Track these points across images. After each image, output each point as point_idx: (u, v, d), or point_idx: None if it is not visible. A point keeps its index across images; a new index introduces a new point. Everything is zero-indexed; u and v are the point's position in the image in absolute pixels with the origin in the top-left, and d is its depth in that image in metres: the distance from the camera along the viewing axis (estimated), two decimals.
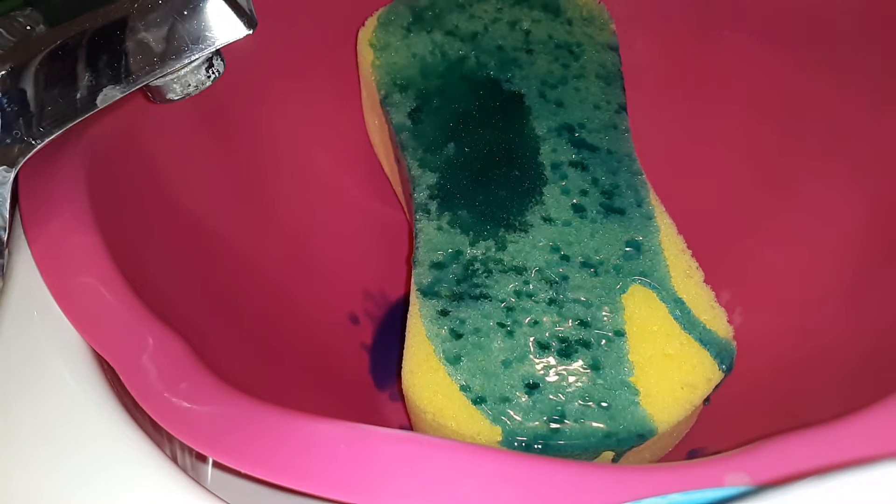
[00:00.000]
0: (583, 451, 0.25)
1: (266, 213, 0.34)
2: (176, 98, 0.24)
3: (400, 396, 0.28)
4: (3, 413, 0.22)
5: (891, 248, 0.29)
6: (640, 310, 0.27)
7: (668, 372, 0.26)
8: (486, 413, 0.25)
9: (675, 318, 0.27)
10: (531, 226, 0.29)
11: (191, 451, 0.29)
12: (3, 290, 0.24)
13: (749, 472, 0.19)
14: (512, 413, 0.25)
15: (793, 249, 0.33)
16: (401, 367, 0.27)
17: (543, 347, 0.26)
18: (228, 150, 0.33)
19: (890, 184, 0.30)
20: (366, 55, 0.34)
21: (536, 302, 0.27)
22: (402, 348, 0.27)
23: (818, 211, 0.33)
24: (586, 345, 0.26)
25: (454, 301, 0.27)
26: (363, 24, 0.34)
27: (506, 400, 0.25)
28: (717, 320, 0.27)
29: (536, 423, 0.25)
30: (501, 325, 0.27)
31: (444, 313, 0.27)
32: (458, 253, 0.28)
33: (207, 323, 0.27)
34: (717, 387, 0.26)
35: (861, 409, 0.20)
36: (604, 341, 0.26)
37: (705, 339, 0.27)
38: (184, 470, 0.21)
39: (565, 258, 0.28)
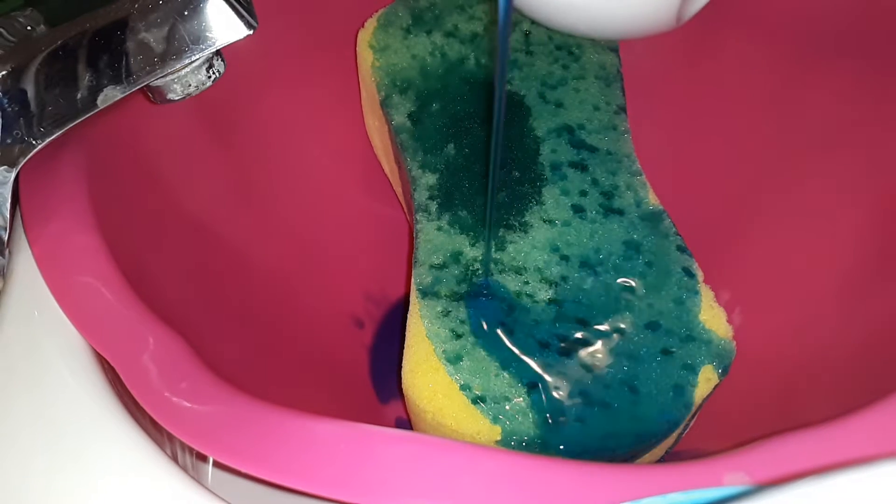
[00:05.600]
0: (582, 451, 0.25)
1: (266, 213, 0.34)
2: (176, 98, 0.24)
3: (400, 396, 0.28)
4: (3, 413, 0.22)
5: (891, 248, 0.29)
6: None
7: (668, 371, 0.26)
8: (486, 412, 0.25)
9: (675, 318, 0.27)
10: (531, 226, 0.29)
11: (191, 450, 0.29)
12: (3, 290, 0.24)
13: (748, 472, 0.19)
14: (511, 412, 0.25)
15: (793, 249, 0.33)
16: (401, 367, 0.27)
17: (543, 347, 0.26)
18: (229, 151, 0.33)
19: (890, 184, 0.30)
20: (365, 57, 0.34)
21: (536, 302, 0.27)
22: (403, 348, 0.27)
23: (818, 211, 0.33)
24: (586, 344, 0.26)
25: (454, 301, 0.27)
26: (363, 26, 0.34)
27: (505, 399, 0.25)
28: (716, 320, 0.27)
29: (536, 422, 0.25)
30: (501, 324, 0.27)
31: (444, 313, 0.27)
32: (459, 253, 0.28)
33: (207, 323, 0.27)
34: (715, 386, 0.26)
35: (861, 409, 0.20)
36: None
37: (705, 338, 0.27)
38: (184, 469, 0.21)
39: (565, 258, 0.28)
